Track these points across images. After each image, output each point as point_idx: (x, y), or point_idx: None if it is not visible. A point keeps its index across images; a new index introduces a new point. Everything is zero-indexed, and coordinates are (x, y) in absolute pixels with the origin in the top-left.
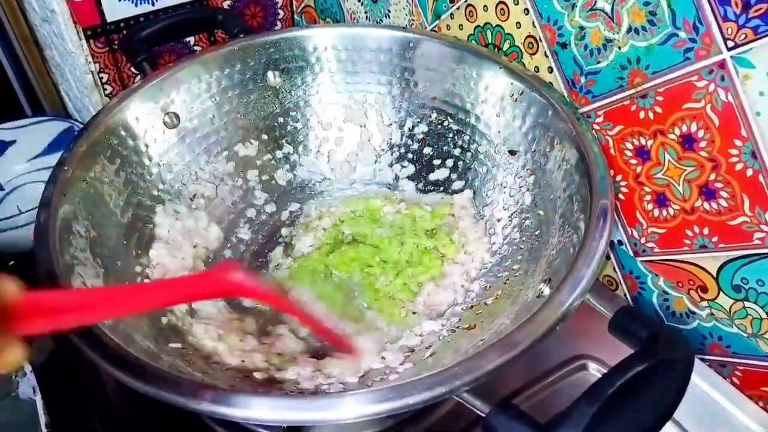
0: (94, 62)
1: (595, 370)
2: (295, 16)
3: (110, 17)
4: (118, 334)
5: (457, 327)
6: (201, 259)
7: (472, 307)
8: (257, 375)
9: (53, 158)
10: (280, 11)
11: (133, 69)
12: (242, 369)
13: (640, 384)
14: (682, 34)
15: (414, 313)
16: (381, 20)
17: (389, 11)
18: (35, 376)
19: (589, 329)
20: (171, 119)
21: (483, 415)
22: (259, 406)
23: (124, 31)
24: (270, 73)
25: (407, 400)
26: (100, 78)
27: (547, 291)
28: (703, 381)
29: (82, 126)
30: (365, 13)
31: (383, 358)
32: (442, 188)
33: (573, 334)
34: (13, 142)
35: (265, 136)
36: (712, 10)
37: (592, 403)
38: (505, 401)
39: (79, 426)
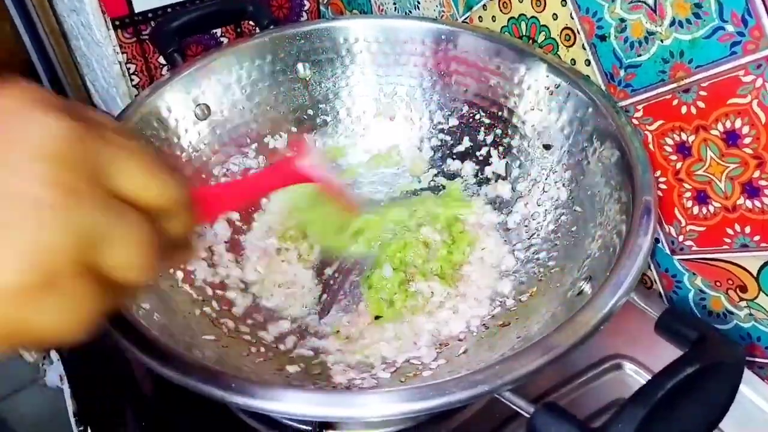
0: (122, 53)
1: (631, 371)
2: (321, 8)
3: (138, 8)
4: (152, 324)
5: (491, 324)
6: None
7: (506, 303)
8: (290, 369)
9: None
10: (306, 2)
11: (160, 60)
12: (278, 359)
13: (689, 387)
14: (730, 28)
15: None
16: (410, 11)
17: (418, 2)
18: (62, 363)
19: (624, 328)
20: (202, 111)
21: (522, 412)
22: (293, 401)
23: (152, 22)
24: (300, 65)
25: (449, 398)
26: (128, 69)
27: (588, 289)
28: (741, 382)
29: (113, 117)
30: (394, 4)
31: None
32: (473, 181)
33: (607, 332)
34: None
35: (294, 129)
36: (764, 1)
37: (642, 406)
38: (549, 401)
39: (108, 414)
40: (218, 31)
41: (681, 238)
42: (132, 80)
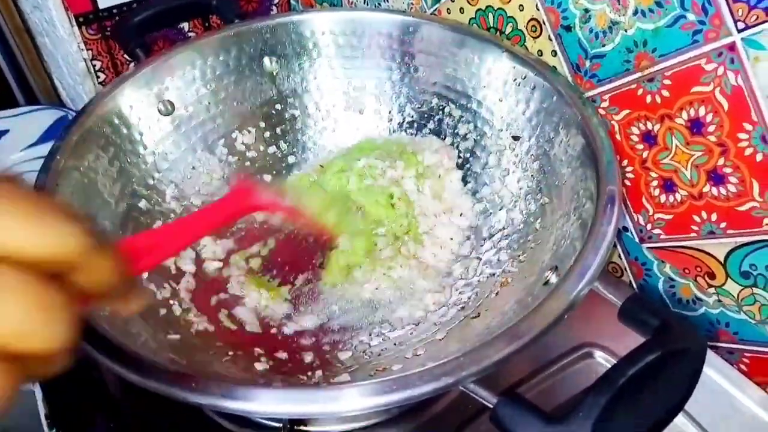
0: (87, 49)
1: (602, 359)
2: (292, 1)
3: (102, 4)
4: (116, 328)
5: (461, 316)
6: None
7: (476, 294)
8: (258, 366)
9: (47, 147)
10: None
11: (126, 56)
12: (245, 357)
13: (651, 374)
14: (691, 16)
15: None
16: (379, 4)
17: None
18: None
19: (594, 317)
20: (165, 106)
21: (489, 405)
22: (260, 399)
23: (117, 18)
24: (266, 59)
25: (412, 392)
26: (93, 65)
27: (554, 279)
28: (710, 368)
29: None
30: None
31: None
32: None
33: (578, 321)
34: (7, 131)
35: (262, 124)
36: None
37: (603, 393)
38: (512, 392)
39: (78, 417)
40: (186, 26)
41: (649, 226)
42: (98, 77)
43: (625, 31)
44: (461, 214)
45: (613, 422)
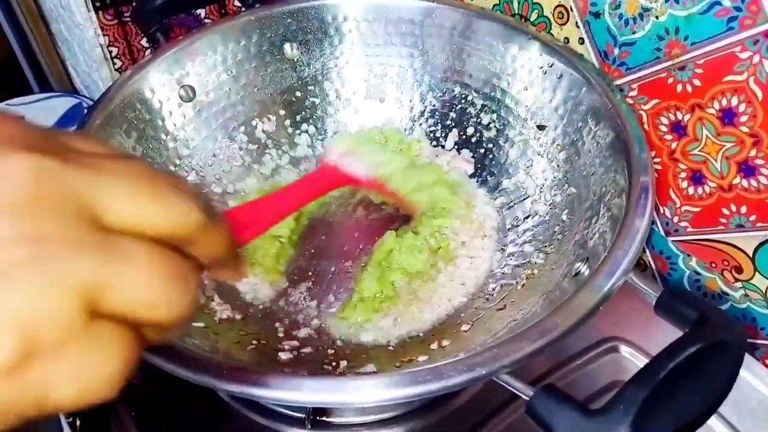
0: (103, 35)
1: (628, 353)
2: None
3: None
4: None
5: (487, 307)
6: None
7: (501, 286)
8: (282, 356)
9: None
10: None
11: (143, 43)
12: (269, 346)
13: (691, 367)
14: (726, 2)
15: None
16: None
17: None
18: None
19: (620, 310)
20: (187, 92)
21: (520, 395)
22: (285, 387)
23: (134, 3)
24: (287, 45)
25: (446, 382)
26: (110, 52)
27: (585, 270)
28: None
29: (91, 102)
30: None
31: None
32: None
33: (603, 315)
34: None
35: (282, 111)
36: None
37: (643, 388)
38: (549, 383)
39: (98, 406)
40: (203, 14)
41: (676, 219)
42: (114, 64)
43: (657, 18)
44: (484, 220)
45: (653, 416)
